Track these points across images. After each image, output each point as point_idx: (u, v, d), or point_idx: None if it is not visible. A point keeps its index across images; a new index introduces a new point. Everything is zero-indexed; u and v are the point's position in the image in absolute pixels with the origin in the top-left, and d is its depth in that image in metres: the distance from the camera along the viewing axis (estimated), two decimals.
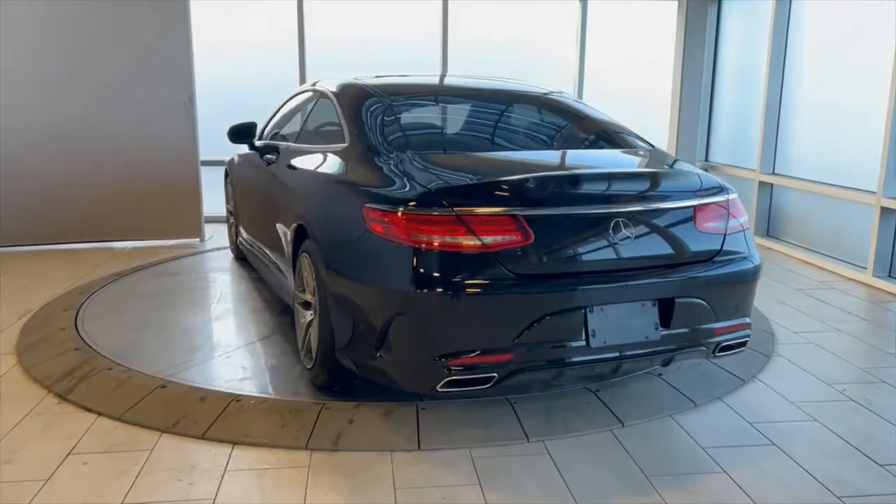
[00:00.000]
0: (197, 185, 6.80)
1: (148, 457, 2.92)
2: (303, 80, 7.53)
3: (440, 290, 2.76)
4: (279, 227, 4.07)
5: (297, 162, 3.99)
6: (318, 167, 3.70)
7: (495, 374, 2.83)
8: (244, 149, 5.15)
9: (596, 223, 2.98)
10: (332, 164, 3.58)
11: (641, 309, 3.00)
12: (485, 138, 4.11)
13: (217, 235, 7.12)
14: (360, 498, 2.65)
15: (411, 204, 2.86)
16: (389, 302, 2.89)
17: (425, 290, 2.77)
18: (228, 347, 4.08)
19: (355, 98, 3.86)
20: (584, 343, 2.89)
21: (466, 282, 2.78)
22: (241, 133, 4.83)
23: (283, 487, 2.72)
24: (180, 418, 3.21)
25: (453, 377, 2.80)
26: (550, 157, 3.79)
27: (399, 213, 2.86)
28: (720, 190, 3.32)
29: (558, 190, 3.09)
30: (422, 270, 2.79)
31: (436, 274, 2.78)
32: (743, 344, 3.28)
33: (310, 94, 4.57)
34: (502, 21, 8.07)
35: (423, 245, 2.80)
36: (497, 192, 2.93)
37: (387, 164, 3.27)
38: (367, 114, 3.68)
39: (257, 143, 4.90)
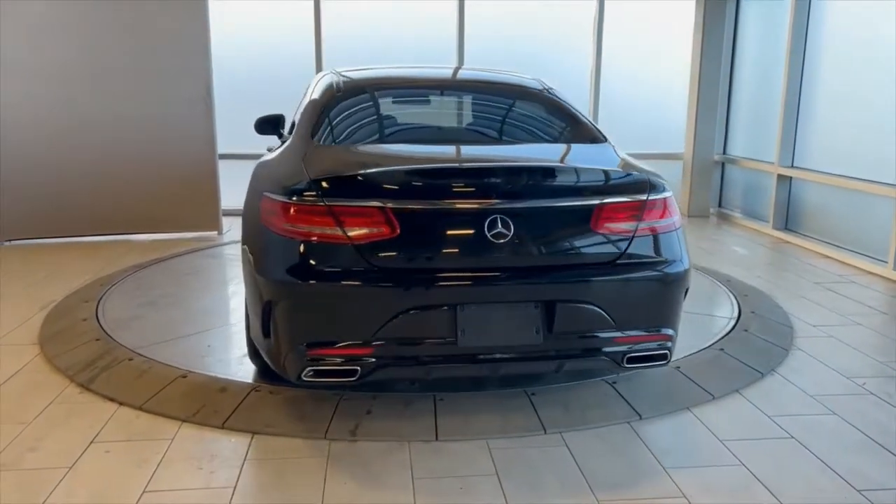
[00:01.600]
0: (214, 178, 6.84)
1: (169, 445, 2.95)
2: (318, 70, 7.55)
3: (301, 280, 2.81)
4: None
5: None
6: (269, 157, 3.69)
7: (358, 368, 2.83)
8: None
9: (469, 219, 2.87)
10: (275, 153, 3.60)
11: (521, 311, 2.89)
12: (424, 131, 4.03)
13: (235, 228, 7.16)
14: (378, 488, 2.67)
15: (290, 194, 2.90)
16: (267, 289, 2.94)
17: (289, 280, 2.83)
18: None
19: (316, 89, 3.91)
20: (451, 342, 2.84)
21: (326, 273, 2.82)
22: (267, 124, 4.80)
23: (303, 476, 2.74)
24: (201, 408, 3.24)
25: (316, 367, 2.83)
26: (463, 150, 3.57)
27: (279, 203, 2.91)
28: (638, 189, 3.05)
29: (429, 183, 2.99)
30: (289, 260, 2.85)
31: (300, 264, 2.83)
32: (661, 357, 3.06)
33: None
34: (519, 13, 8.04)
35: (293, 235, 2.85)
36: (367, 185, 2.93)
37: (305, 154, 3.28)
38: (317, 105, 3.70)
39: (285, 134, 4.91)
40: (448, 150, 3.61)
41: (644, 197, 3.03)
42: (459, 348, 2.85)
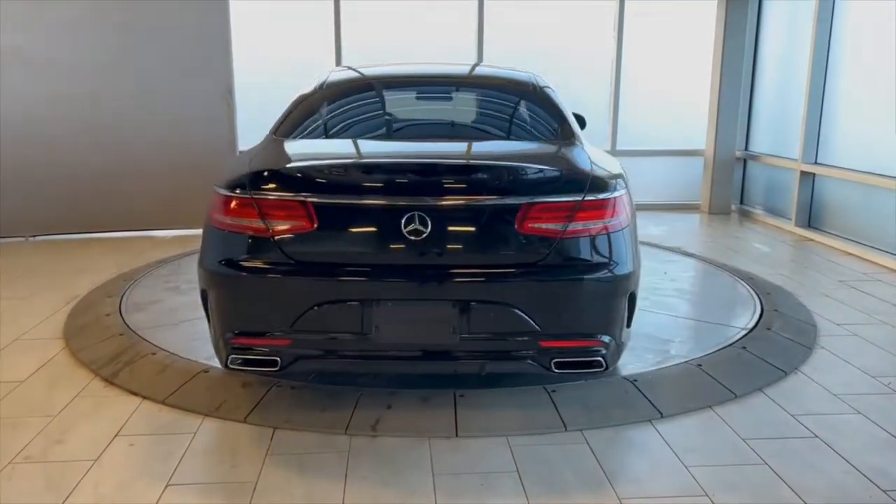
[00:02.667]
0: None
1: (192, 439, 2.98)
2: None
3: (226, 270, 2.91)
4: None
5: None
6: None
7: (278, 359, 2.91)
8: None
9: (385, 215, 2.86)
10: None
11: (436, 310, 2.87)
12: (388, 127, 3.95)
13: None
14: (398, 483, 2.68)
15: (226, 188, 2.98)
16: (202, 279, 3.04)
17: (216, 270, 2.94)
18: None
19: (309, 85, 3.98)
20: (365, 337, 2.86)
21: (245, 264, 2.90)
22: None
23: (323, 471, 2.76)
24: (223, 402, 3.27)
25: (240, 356, 2.93)
26: (408, 147, 3.59)
27: (220, 197, 2.99)
28: (572, 188, 2.91)
29: (347, 179, 3.02)
30: (218, 251, 2.96)
31: (225, 255, 2.93)
32: (595, 363, 2.94)
33: None
34: (539, 13, 8.00)
35: (222, 227, 2.94)
36: (288, 179, 2.99)
37: (259, 149, 3.40)
38: (295, 101, 3.79)
39: None
40: (392, 146, 3.66)
41: (579, 197, 2.88)
42: (373, 344, 2.89)
